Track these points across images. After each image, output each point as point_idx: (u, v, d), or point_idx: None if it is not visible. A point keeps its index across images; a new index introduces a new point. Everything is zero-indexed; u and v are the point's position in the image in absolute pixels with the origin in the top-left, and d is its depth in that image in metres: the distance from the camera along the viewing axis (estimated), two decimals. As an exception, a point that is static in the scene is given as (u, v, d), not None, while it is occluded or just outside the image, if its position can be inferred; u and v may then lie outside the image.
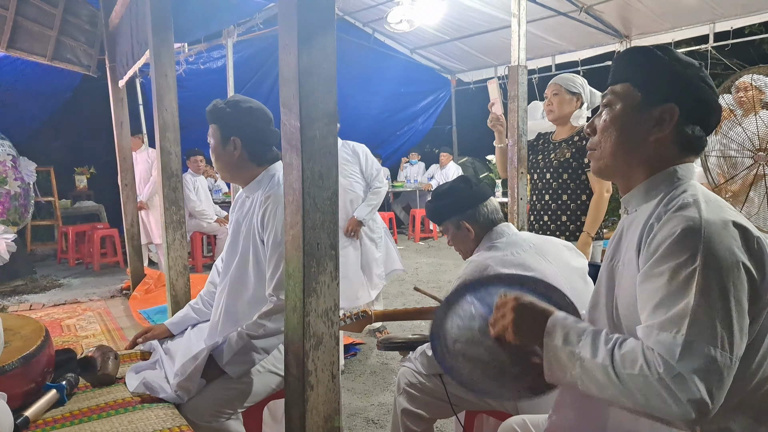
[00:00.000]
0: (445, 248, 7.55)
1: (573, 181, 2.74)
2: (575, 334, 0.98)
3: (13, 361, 1.35)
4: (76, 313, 4.50)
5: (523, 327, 1.07)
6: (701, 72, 1.09)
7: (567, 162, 2.74)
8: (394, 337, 2.12)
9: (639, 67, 1.11)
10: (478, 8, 6.43)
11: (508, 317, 1.08)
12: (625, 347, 0.91)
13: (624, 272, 1.07)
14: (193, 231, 6.32)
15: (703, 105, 1.08)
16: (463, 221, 1.83)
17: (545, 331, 1.03)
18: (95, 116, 6.49)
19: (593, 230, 2.68)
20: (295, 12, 1.19)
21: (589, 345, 0.95)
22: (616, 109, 1.13)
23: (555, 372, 1.01)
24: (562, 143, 2.78)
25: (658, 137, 1.08)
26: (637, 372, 0.87)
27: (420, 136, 10.07)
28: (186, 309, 2.07)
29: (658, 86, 1.08)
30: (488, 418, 1.87)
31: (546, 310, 1.07)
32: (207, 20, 3.91)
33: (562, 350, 0.99)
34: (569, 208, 2.76)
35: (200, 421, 1.61)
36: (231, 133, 1.81)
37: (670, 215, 0.98)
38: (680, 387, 0.83)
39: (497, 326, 1.11)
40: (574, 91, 2.75)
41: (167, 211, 2.77)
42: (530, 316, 1.07)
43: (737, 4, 5.31)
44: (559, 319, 1.03)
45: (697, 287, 0.89)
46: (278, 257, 1.65)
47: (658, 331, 0.89)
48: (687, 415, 0.83)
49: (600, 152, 1.15)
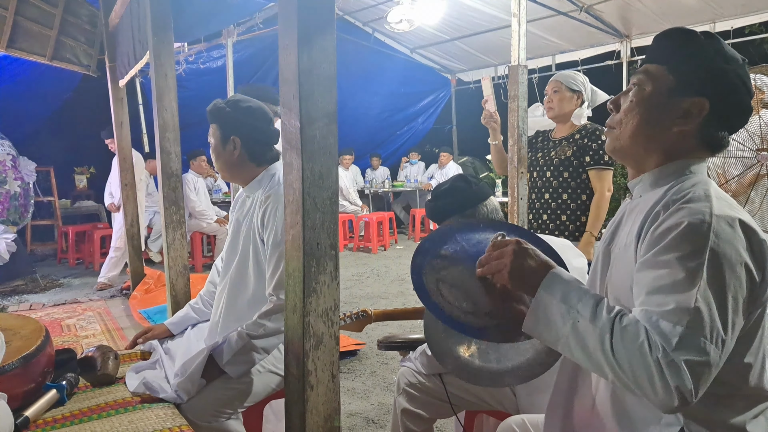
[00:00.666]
0: (445, 248, 7.54)
1: (573, 180, 2.72)
2: (576, 294, 0.96)
3: (13, 361, 1.35)
4: (76, 313, 4.50)
5: (521, 272, 1.02)
6: (742, 70, 1.05)
7: (568, 160, 2.71)
8: (394, 337, 2.12)
9: (679, 52, 1.06)
10: (478, 8, 6.43)
11: (506, 259, 1.03)
12: (626, 321, 0.91)
13: (620, 255, 1.07)
14: (193, 231, 6.33)
15: (734, 106, 1.05)
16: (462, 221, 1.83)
17: (543, 282, 0.99)
18: (95, 116, 6.49)
19: (596, 230, 2.66)
20: (295, 12, 1.19)
21: (590, 307, 0.93)
22: (645, 91, 1.08)
23: (538, 325, 0.98)
24: (562, 141, 2.76)
25: (682, 129, 1.05)
26: (637, 348, 0.87)
27: (420, 136, 10.07)
28: (186, 309, 2.07)
29: (694, 77, 1.04)
30: (488, 418, 1.87)
31: (547, 261, 1.04)
32: (207, 20, 3.91)
33: (557, 306, 0.96)
34: (569, 208, 2.74)
35: (200, 421, 1.61)
36: (230, 132, 1.82)
37: (680, 205, 0.97)
38: (672, 373, 0.84)
39: (489, 266, 1.06)
40: (575, 88, 2.71)
41: (167, 211, 2.77)
42: (530, 262, 1.02)
43: (737, 4, 5.31)
44: (561, 274, 1.00)
45: (701, 282, 0.89)
46: (278, 257, 1.65)
47: (658, 318, 0.89)
48: (669, 400, 0.84)
49: (619, 132, 1.11)
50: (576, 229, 2.73)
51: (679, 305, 0.89)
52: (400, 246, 8.07)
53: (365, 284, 5.68)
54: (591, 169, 2.67)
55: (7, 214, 5.82)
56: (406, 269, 6.32)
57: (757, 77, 3.63)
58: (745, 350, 0.97)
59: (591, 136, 2.68)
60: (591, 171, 2.68)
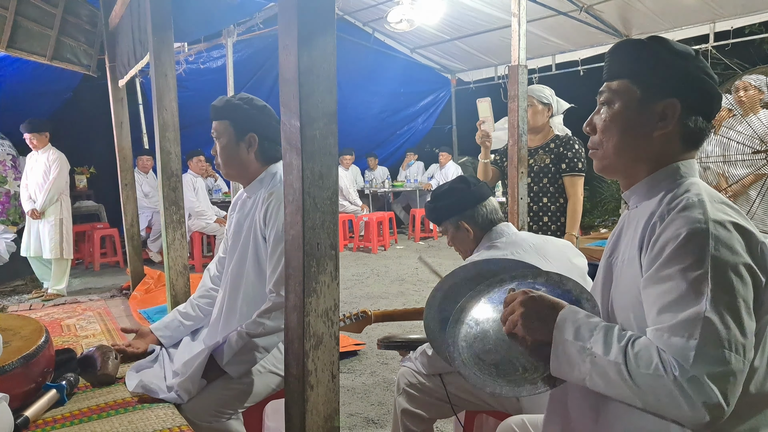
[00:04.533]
0: (445, 248, 7.54)
1: (552, 185, 2.93)
2: (587, 329, 0.97)
3: (13, 361, 1.35)
4: (76, 313, 4.50)
5: (533, 321, 1.04)
6: (699, 62, 1.07)
7: (547, 167, 2.91)
8: (394, 337, 2.12)
9: (634, 63, 1.08)
10: (478, 8, 6.43)
11: (518, 312, 1.06)
12: (638, 346, 0.90)
13: (623, 269, 1.06)
14: (193, 231, 6.33)
15: (704, 96, 1.06)
16: (461, 221, 1.83)
17: (555, 324, 1.01)
18: (95, 116, 6.48)
19: (575, 230, 2.86)
20: (295, 12, 1.19)
21: (602, 341, 0.94)
22: (615, 108, 1.09)
23: (562, 366, 1.00)
24: (538, 150, 2.95)
25: (663, 132, 1.06)
26: (652, 372, 0.86)
27: (420, 136, 10.07)
28: (173, 314, 1.99)
29: (658, 81, 1.06)
30: (488, 418, 1.87)
31: (556, 303, 1.05)
32: (207, 20, 3.91)
33: (572, 345, 0.97)
34: (549, 210, 2.95)
35: (200, 421, 1.61)
36: (248, 129, 1.79)
37: (674, 215, 0.96)
38: (695, 390, 0.82)
39: (508, 323, 1.09)
40: (545, 101, 2.92)
41: (167, 211, 2.77)
42: (539, 309, 1.05)
43: (737, 4, 5.31)
44: (570, 313, 1.01)
45: (708, 292, 0.88)
46: (279, 253, 1.64)
47: (669, 335, 0.88)
48: (700, 418, 0.83)
49: (603, 152, 1.12)
50: (558, 228, 2.93)
51: (689, 318, 0.87)
52: (400, 246, 8.07)
53: (365, 284, 5.68)
54: (566, 175, 2.87)
55: (7, 214, 5.82)
56: (407, 269, 6.33)
57: (758, 77, 3.63)
58: (754, 356, 0.95)
59: (566, 146, 2.88)
60: (566, 177, 2.88)
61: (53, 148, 5.12)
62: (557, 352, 1.00)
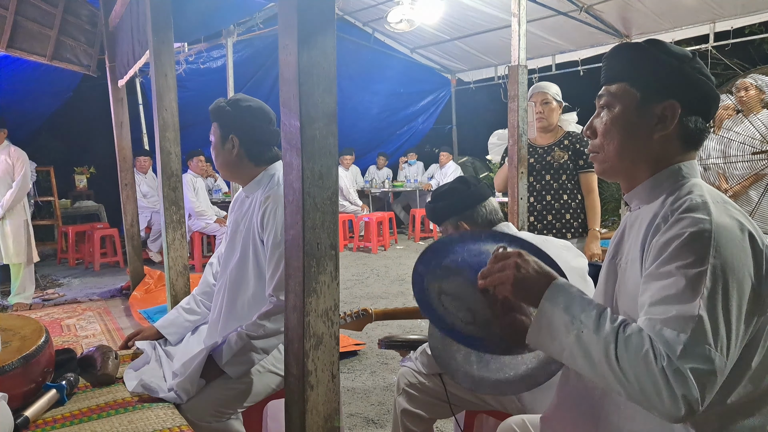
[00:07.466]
0: (445, 248, 7.54)
1: (569, 181, 2.94)
2: (579, 304, 0.96)
3: (13, 361, 1.35)
4: (76, 313, 4.50)
5: (524, 284, 1.02)
6: (695, 63, 1.08)
7: (566, 164, 2.92)
8: (394, 337, 2.13)
9: (633, 66, 1.09)
10: (478, 8, 6.43)
11: (508, 271, 1.03)
12: (629, 330, 0.90)
13: (627, 270, 1.07)
14: (193, 231, 6.33)
15: (702, 97, 1.07)
16: (461, 222, 1.83)
17: (546, 293, 0.99)
18: (95, 116, 6.50)
19: (598, 225, 2.88)
20: (295, 12, 1.19)
21: (594, 318, 0.93)
22: (615, 111, 1.10)
23: (542, 335, 0.98)
24: (554, 147, 2.96)
25: (663, 134, 1.07)
26: (642, 357, 0.86)
27: (420, 136, 10.07)
28: (176, 312, 2.00)
29: (656, 84, 1.07)
30: (488, 418, 1.87)
31: (549, 272, 1.04)
32: (207, 20, 3.92)
33: (560, 316, 0.96)
34: (571, 207, 2.95)
35: (200, 421, 1.61)
36: (229, 131, 1.82)
37: (678, 216, 0.97)
38: (678, 382, 0.83)
39: (492, 278, 1.06)
40: (558, 99, 2.96)
41: (167, 211, 2.77)
42: (533, 274, 1.03)
43: (737, 4, 5.31)
44: (565, 285, 1.00)
45: (704, 290, 0.89)
46: (278, 257, 1.65)
47: (662, 326, 0.89)
48: (677, 410, 0.84)
49: (604, 155, 1.13)
50: (580, 225, 2.94)
51: (683, 313, 0.88)
52: (400, 246, 8.07)
53: (365, 284, 5.68)
54: (583, 172, 2.90)
55: (7, 214, 5.80)
56: (406, 269, 6.33)
57: (758, 77, 3.63)
58: (753, 354, 0.96)
59: (581, 142, 2.90)
60: (583, 174, 2.91)
61: (12, 146, 4.61)
62: (540, 321, 0.98)
